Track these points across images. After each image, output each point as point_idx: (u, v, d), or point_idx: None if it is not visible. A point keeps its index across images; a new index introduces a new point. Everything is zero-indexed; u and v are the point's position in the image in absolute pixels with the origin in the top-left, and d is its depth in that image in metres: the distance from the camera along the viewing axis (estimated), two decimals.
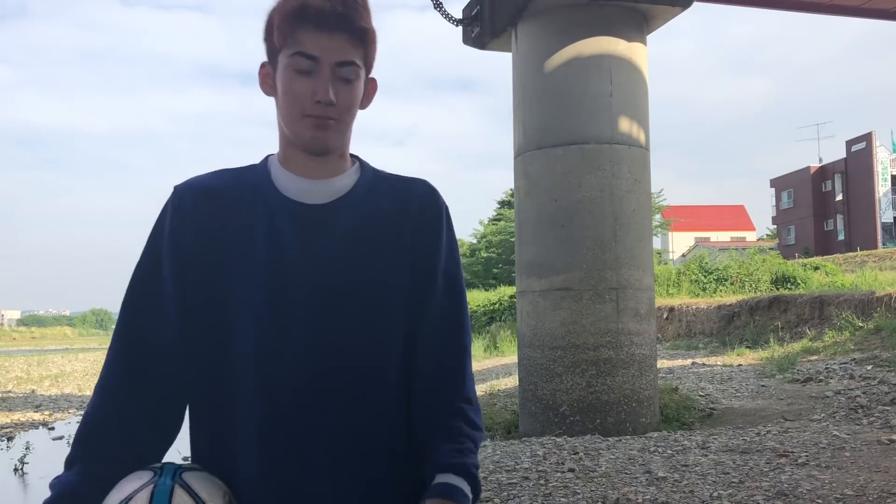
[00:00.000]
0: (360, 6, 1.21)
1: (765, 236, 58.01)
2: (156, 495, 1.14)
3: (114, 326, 1.28)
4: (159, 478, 1.17)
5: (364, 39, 1.21)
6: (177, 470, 1.19)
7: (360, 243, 1.25)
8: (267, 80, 1.26)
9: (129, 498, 1.14)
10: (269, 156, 1.32)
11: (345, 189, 1.27)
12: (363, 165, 1.32)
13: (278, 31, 1.20)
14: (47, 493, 1.19)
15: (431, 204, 1.32)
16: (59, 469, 1.21)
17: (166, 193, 1.29)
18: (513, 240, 8.41)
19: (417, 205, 1.30)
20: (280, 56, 1.21)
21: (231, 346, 1.22)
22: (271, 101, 1.28)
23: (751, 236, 63.65)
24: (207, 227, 1.24)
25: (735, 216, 69.17)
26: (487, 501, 4.50)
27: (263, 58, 1.27)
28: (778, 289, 17.62)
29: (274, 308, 1.21)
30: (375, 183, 1.30)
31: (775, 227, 52.86)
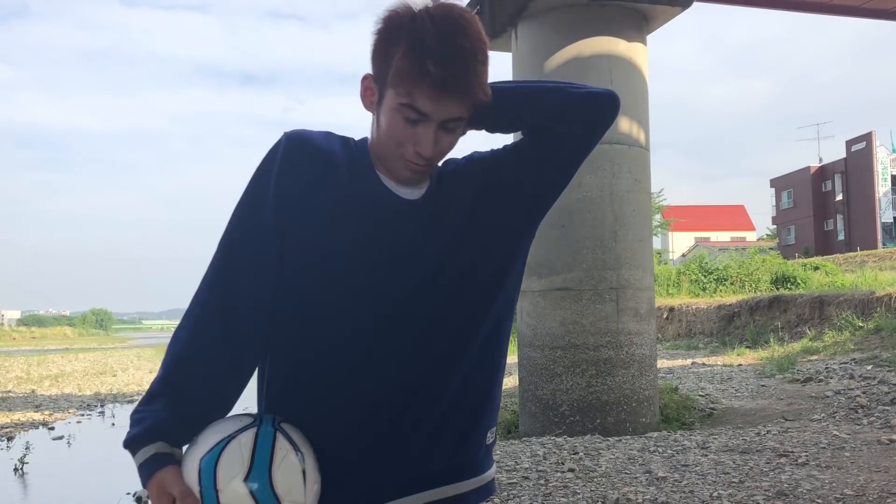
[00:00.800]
0: (479, 71, 1.21)
1: (765, 236, 58.02)
2: (260, 437, 1.17)
3: (114, 326, 1.27)
4: (260, 424, 1.19)
5: (475, 98, 1.23)
6: (274, 419, 1.22)
7: (459, 229, 1.30)
8: (369, 94, 1.28)
9: (232, 437, 1.16)
10: (364, 141, 1.33)
11: (427, 187, 1.31)
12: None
13: (395, 76, 1.20)
14: (130, 430, 1.18)
15: (475, 156, 1.39)
16: (57, 469, 1.21)
17: (166, 194, 1.29)
18: None
19: (475, 166, 1.37)
20: (389, 91, 1.22)
21: (339, 320, 1.23)
22: (271, 100, 1.31)
23: (751, 236, 63.66)
24: (316, 187, 1.24)
25: (735, 216, 69.19)
26: (487, 501, 4.50)
27: (264, 58, 1.33)
28: (778, 289, 17.63)
29: (389, 295, 1.24)
30: (447, 172, 1.36)
31: (775, 227, 52.88)
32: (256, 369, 1.29)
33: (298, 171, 1.24)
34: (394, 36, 1.21)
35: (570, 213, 6.83)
